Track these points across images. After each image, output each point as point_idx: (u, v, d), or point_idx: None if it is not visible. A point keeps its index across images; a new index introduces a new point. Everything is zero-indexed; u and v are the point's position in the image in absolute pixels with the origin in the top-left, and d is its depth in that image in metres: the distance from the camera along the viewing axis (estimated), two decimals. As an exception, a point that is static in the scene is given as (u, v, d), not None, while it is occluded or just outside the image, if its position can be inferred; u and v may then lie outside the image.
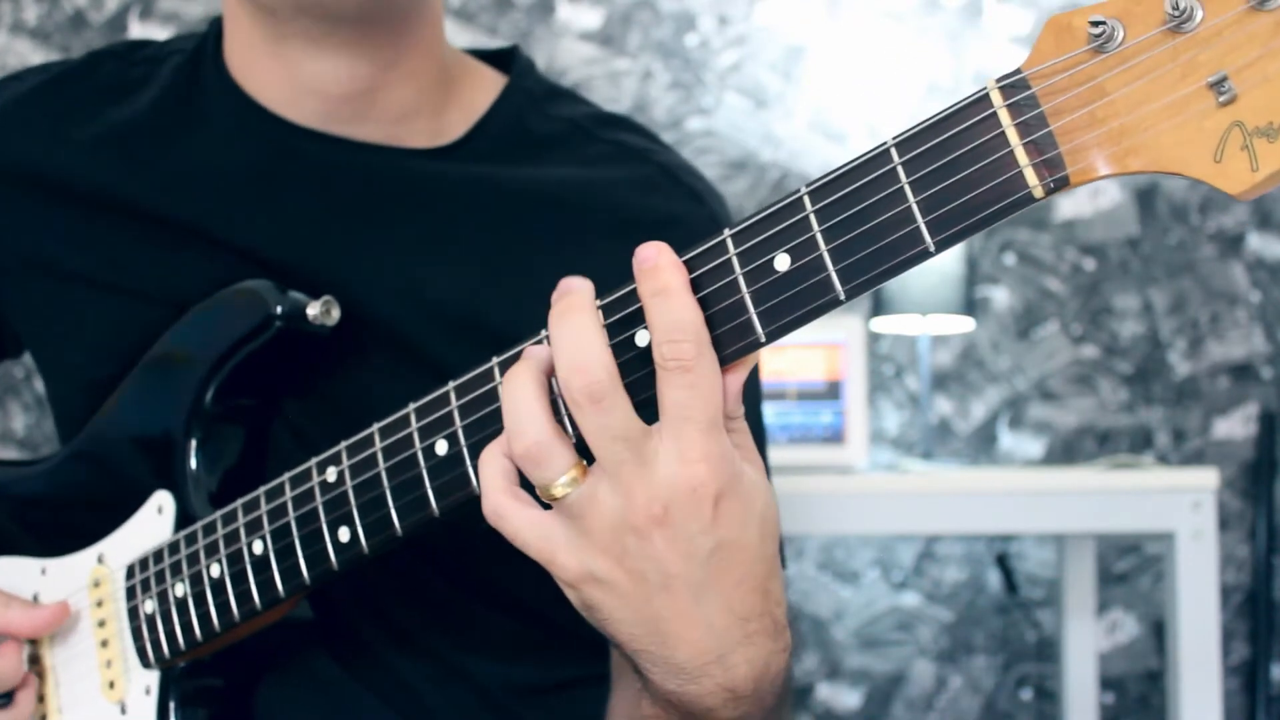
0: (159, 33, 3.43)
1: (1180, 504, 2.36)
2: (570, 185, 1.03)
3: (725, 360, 0.68)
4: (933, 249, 0.64)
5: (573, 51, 3.39)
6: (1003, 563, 3.23)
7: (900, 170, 0.64)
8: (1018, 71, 0.62)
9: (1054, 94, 0.61)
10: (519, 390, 0.69)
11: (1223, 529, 3.15)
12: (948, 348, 3.29)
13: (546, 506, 0.71)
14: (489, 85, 1.07)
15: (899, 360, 3.30)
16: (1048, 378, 3.28)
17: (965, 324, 3.06)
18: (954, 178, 0.63)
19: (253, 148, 1.01)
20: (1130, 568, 3.24)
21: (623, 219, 1.02)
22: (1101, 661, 3.15)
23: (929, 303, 2.91)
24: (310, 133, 1.01)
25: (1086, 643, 2.96)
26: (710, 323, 0.68)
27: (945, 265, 2.89)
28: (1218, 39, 0.57)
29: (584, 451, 0.69)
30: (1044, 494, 2.46)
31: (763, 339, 0.67)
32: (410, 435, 0.79)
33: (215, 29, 1.07)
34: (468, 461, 0.76)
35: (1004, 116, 0.62)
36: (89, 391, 1.04)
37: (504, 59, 1.11)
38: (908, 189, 0.64)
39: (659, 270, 0.67)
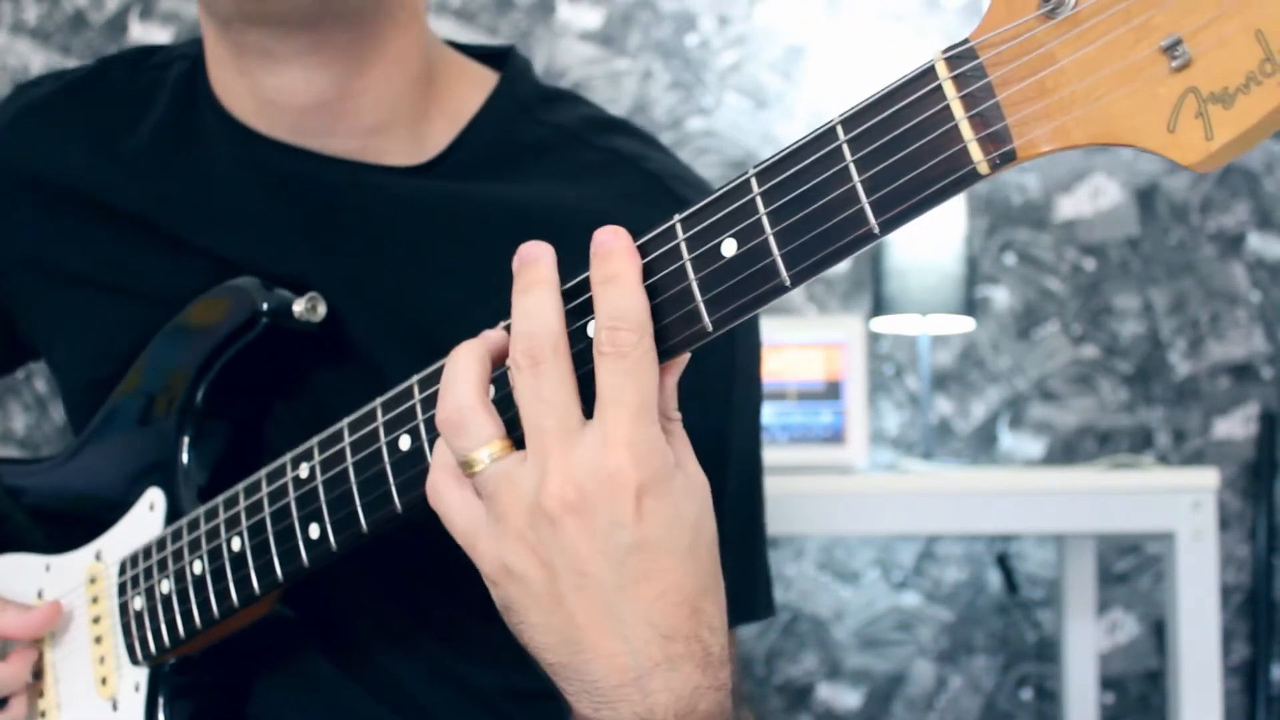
0: (159, 33, 3.43)
1: (1180, 504, 2.36)
2: (553, 202, 0.99)
3: (674, 350, 0.67)
4: (877, 230, 0.60)
5: (573, 51, 3.39)
6: (1003, 563, 3.23)
7: (845, 148, 0.61)
8: (965, 41, 0.59)
9: (1001, 63, 0.57)
10: (458, 360, 0.69)
11: (1223, 529, 3.14)
12: (948, 348, 3.29)
13: None
14: (478, 86, 1.04)
15: (899, 360, 3.29)
16: (1048, 378, 3.28)
17: (965, 324, 3.06)
18: (898, 155, 0.60)
19: (231, 160, 1.01)
20: (1130, 568, 3.24)
21: None
22: (1102, 661, 3.15)
23: (929, 303, 2.91)
24: (281, 146, 0.99)
25: (1087, 643, 2.96)
26: (658, 311, 0.66)
27: (945, 265, 2.89)
28: None
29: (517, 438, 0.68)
30: (1044, 494, 2.46)
31: (710, 328, 0.65)
32: (376, 430, 0.78)
33: None
34: (429, 457, 0.74)
35: (949, 89, 0.58)
36: (93, 391, 1.05)
37: (500, 58, 1.08)
38: (852, 168, 0.61)
39: (612, 256, 0.66)
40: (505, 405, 0.69)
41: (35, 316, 1.10)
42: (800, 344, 2.72)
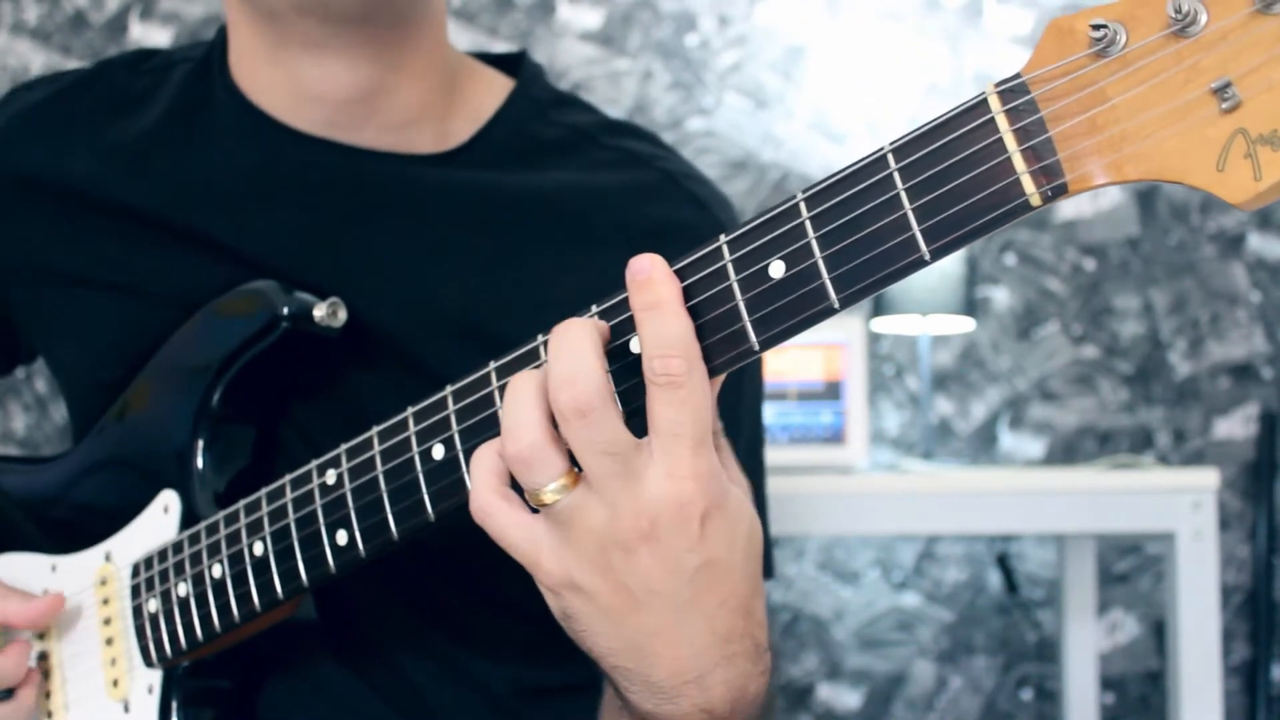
0: (159, 33, 3.43)
1: (1180, 504, 2.36)
2: (573, 191, 1.02)
3: (718, 370, 0.67)
4: (928, 257, 0.62)
5: (573, 52, 3.39)
6: (1003, 563, 3.23)
7: (896, 176, 0.62)
8: (1017, 76, 0.60)
9: (1053, 99, 0.59)
10: (520, 394, 0.68)
11: (1223, 529, 3.15)
12: (948, 348, 3.29)
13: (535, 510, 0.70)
14: (495, 90, 1.07)
15: (899, 360, 3.30)
16: (1048, 378, 3.28)
17: (966, 324, 3.06)
18: (950, 185, 0.61)
19: (256, 155, 1.02)
20: (1130, 568, 3.24)
21: (625, 225, 1.01)
22: (1102, 661, 3.16)
23: (929, 303, 2.91)
24: (313, 140, 1.01)
25: (1087, 643, 2.96)
26: (703, 330, 0.67)
27: (945, 265, 2.90)
28: (1222, 43, 0.55)
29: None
30: (1044, 494, 2.46)
31: (756, 347, 0.66)
32: (408, 439, 0.78)
33: (222, 38, 1.07)
34: (463, 467, 0.75)
35: (1002, 122, 0.60)
36: (99, 392, 1.05)
37: (512, 63, 1.10)
38: (904, 196, 0.62)
39: (652, 283, 0.67)
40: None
41: (36, 319, 1.10)
42: (800, 344, 2.72)
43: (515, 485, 0.71)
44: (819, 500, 2.44)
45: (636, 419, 0.67)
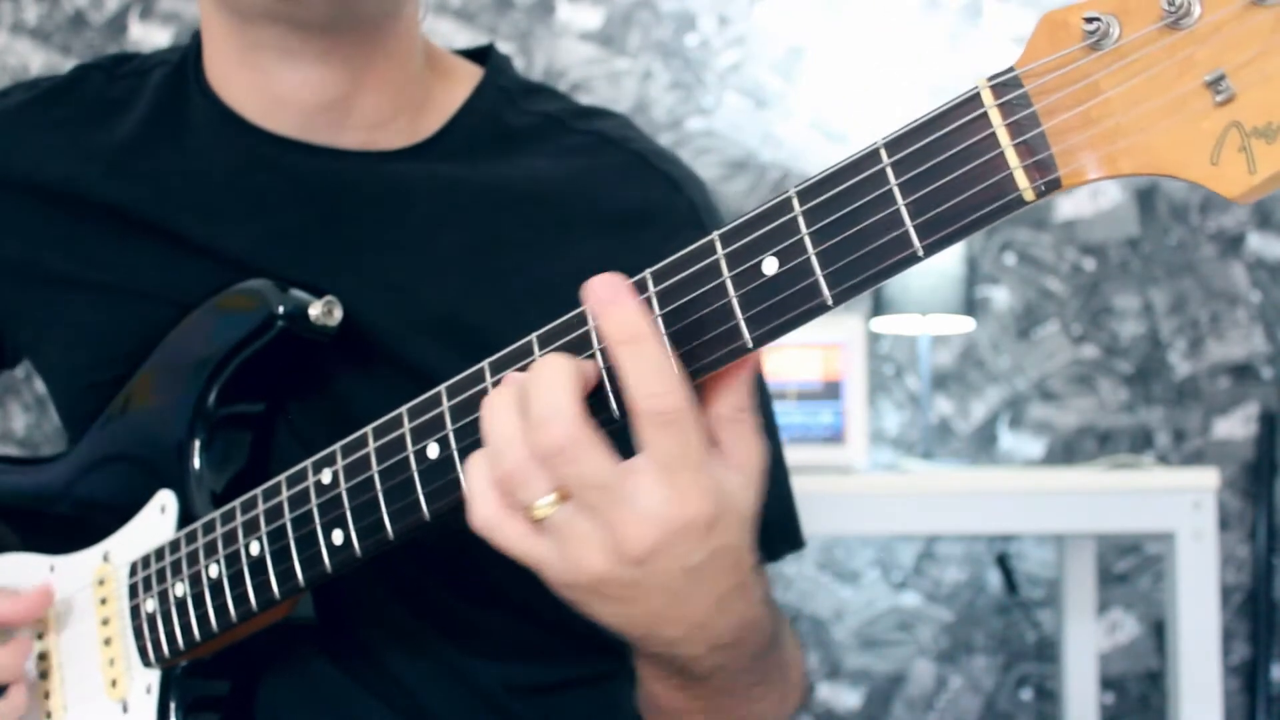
0: (159, 33, 3.43)
1: (1180, 504, 2.36)
2: (546, 179, 1.02)
3: (708, 368, 0.67)
4: (921, 253, 0.61)
5: (573, 51, 3.39)
6: (1003, 563, 3.23)
7: (889, 171, 0.62)
8: (1010, 70, 0.60)
9: (1047, 93, 0.58)
10: (498, 414, 0.68)
11: (1223, 529, 3.15)
12: (948, 348, 3.29)
13: None
14: (466, 81, 1.07)
15: (899, 360, 3.30)
16: (1048, 378, 3.28)
17: (965, 324, 3.06)
18: (943, 180, 0.60)
19: (232, 157, 1.02)
20: (1130, 568, 3.24)
21: (601, 212, 1.01)
22: (1101, 661, 3.15)
23: (929, 303, 2.91)
24: (287, 141, 1.00)
25: (1086, 643, 2.96)
26: (698, 327, 0.66)
27: (945, 265, 2.90)
28: (1215, 36, 0.55)
29: None
30: (1044, 494, 2.46)
31: (750, 344, 0.66)
32: (402, 437, 0.78)
33: (197, 41, 1.07)
34: (459, 466, 0.75)
35: (995, 116, 0.59)
36: (92, 393, 1.05)
37: (482, 56, 1.10)
38: (896, 191, 0.62)
39: (623, 309, 0.66)
40: None
41: (23, 321, 1.09)
42: (800, 344, 2.72)
43: None
44: (818, 500, 2.43)
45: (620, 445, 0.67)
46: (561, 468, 0.66)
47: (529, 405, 0.67)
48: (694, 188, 1.06)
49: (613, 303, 0.66)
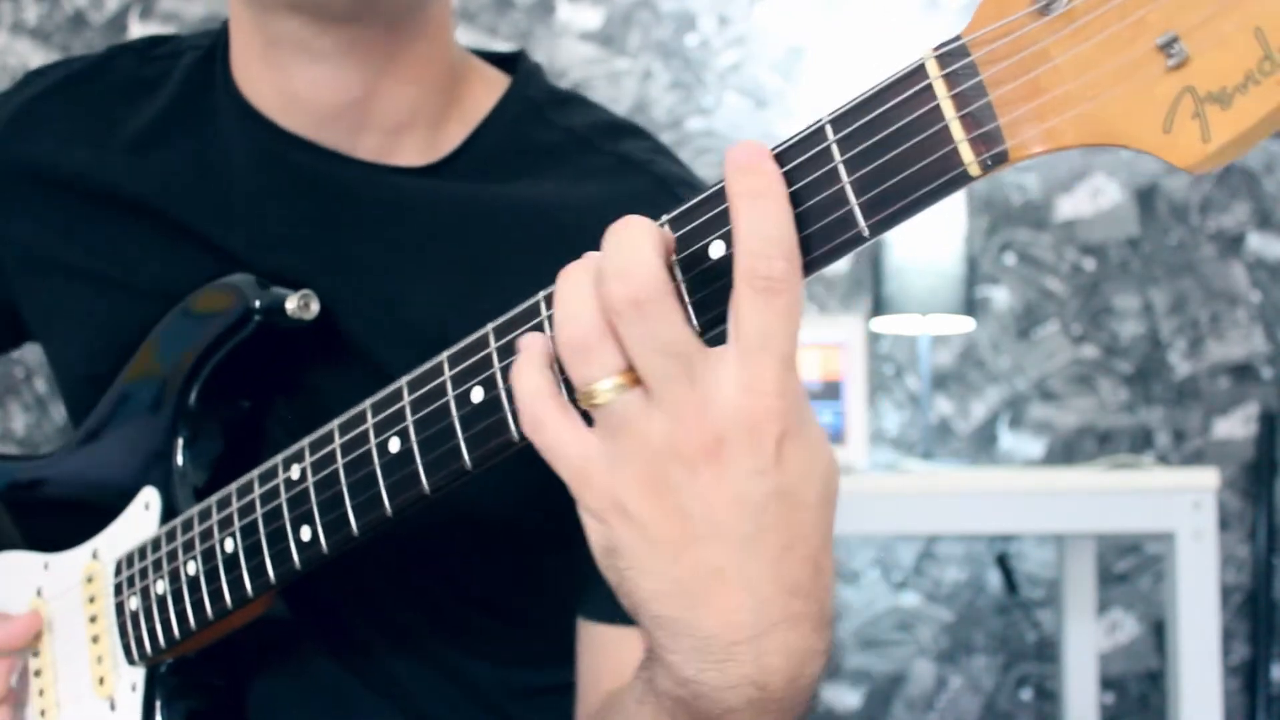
0: (159, 33, 3.43)
1: (1180, 504, 2.36)
2: (559, 202, 0.99)
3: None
4: (867, 233, 0.58)
5: (573, 51, 3.39)
6: (1003, 563, 3.23)
7: (834, 149, 0.59)
8: (956, 39, 0.56)
9: (994, 61, 0.55)
10: (575, 281, 0.62)
11: (1223, 529, 3.14)
12: (948, 348, 3.29)
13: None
14: (490, 91, 1.04)
15: (899, 360, 3.29)
16: (1048, 378, 3.28)
17: (965, 324, 3.06)
18: (887, 155, 0.57)
19: (246, 153, 1.01)
20: (1130, 568, 3.24)
21: None
22: (1101, 661, 3.15)
23: (929, 303, 2.91)
24: (302, 142, 0.99)
25: (1086, 643, 2.96)
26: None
27: (945, 265, 2.89)
28: None
29: None
30: (1044, 494, 2.47)
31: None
32: (366, 432, 0.77)
33: (225, 29, 1.06)
34: (418, 459, 0.73)
35: (940, 88, 0.56)
36: (91, 386, 1.05)
37: (512, 63, 1.08)
38: (841, 169, 0.59)
39: (757, 170, 0.60)
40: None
41: (36, 309, 1.10)
42: (800, 344, 2.72)
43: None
44: (817, 500, 2.43)
45: (712, 331, 0.62)
46: (637, 325, 0.59)
47: (604, 262, 0.60)
48: None
49: (748, 158, 0.60)
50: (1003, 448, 3.27)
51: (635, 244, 0.60)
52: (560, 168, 1.01)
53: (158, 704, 0.95)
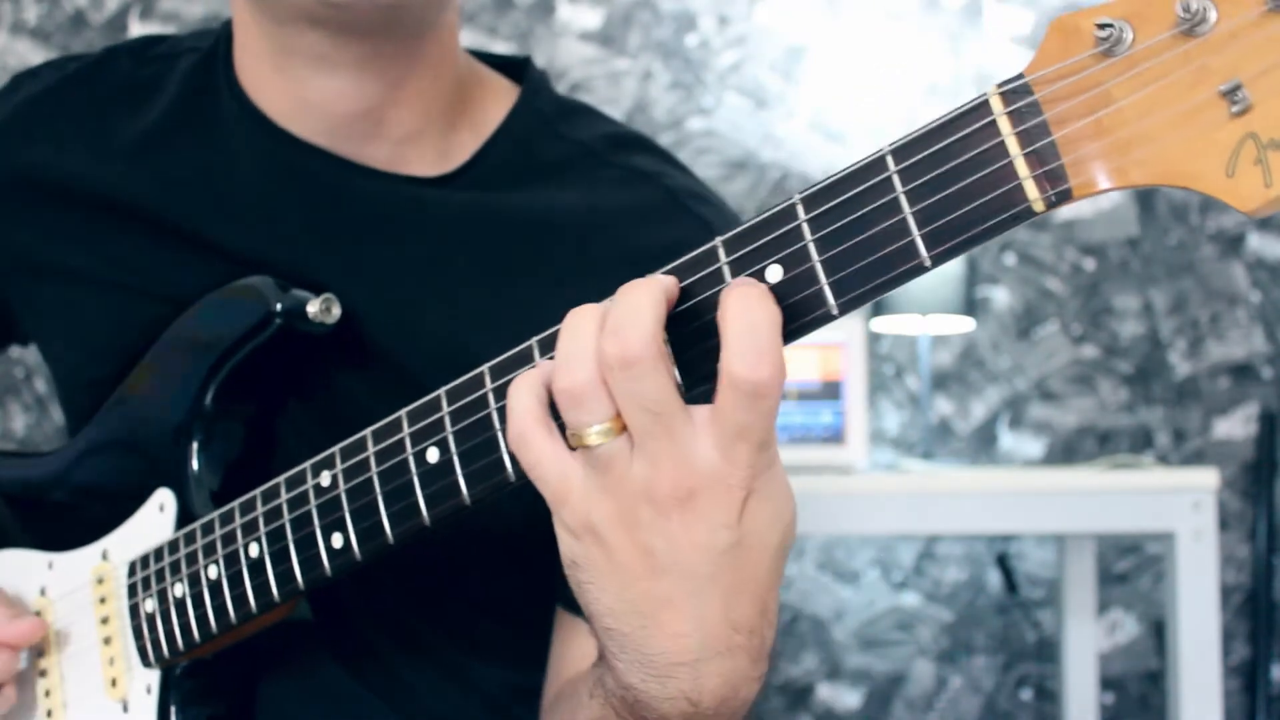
0: (158, 33, 3.43)
1: (1180, 504, 2.37)
2: (573, 214, 1.00)
3: (712, 376, 0.64)
4: (928, 263, 0.60)
5: (573, 51, 3.39)
6: (1003, 563, 3.23)
7: (896, 179, 0.60)
8: (1020, 76, 0.58)
9: (1057, 101, 0.57)
10: (579, 329, 0.65)
11: (1223, 529, 3.15)
12: (948, 348, 3.29)
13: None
14: (501, 101, 1.04)
15: (899, 360, 3.30)
16: (1048, 378, 3.28)
17: (965, 324, 3.07)
18: (951, 188, 0.59)
19: (254, 158, 1.00)
20: (1130, 568, 3.24)
21: (626, 249, 0.98)
22: (1101, 661, 3.15)
23: (929, 303, 2.92)
24: (315, 150, 0.99)
25: (1086, 643, 2.96)
26: (701, 334, 0.64)
27: (945, 265, 2.89)
28: (1232, 43, 0.53)
29: None
30: (1044, 494, 2.47)
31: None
32: (402, 441, 0.77)
33: (227, 31, 1.05)
34: (458, 470, 0.73)
35: (1004, 125, 0.58)
36: (91, 389, 1.04)
37: (518, 69, 1.08)
38: (903, 199, 0.60)
39: (753, 293, 0.62)
40: None
41: (33, 313, 1.09)
42: (800, 344, 2.71)
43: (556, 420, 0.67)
44: (819, 500, 2.44)
45: (701, 388, 0.64)
46: (626, 383, 0.62)
47: (608, 317, 0.63)
48: (726, 228, 1.04)
49: (744, 283, 0.63)
50: (1003, 448, 3.27)
51: (637, 306, 0.63)
52: (571, 180, 1.01)
53: (172, 706, 0.95)
